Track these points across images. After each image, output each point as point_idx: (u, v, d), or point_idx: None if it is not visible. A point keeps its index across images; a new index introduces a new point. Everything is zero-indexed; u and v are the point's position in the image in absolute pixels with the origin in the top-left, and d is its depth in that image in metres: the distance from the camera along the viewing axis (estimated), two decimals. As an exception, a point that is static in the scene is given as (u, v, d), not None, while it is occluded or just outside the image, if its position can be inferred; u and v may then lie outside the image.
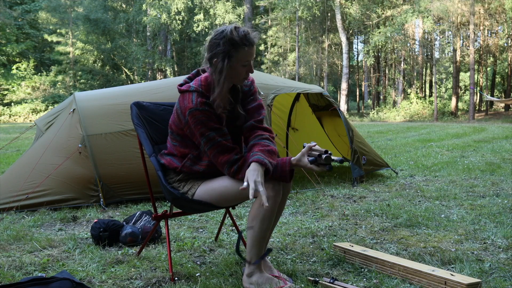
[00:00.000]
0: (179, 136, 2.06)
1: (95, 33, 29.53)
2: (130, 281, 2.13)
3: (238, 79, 1.99)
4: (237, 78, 1.98)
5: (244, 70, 1.96)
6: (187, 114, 1.95)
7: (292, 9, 25.05)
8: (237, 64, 1.93)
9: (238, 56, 1.91)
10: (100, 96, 4.52)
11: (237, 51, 1.90)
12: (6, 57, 28.79)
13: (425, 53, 28.89)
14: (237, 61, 1.92)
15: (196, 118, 1.93)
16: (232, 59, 1.91)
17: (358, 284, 2.05)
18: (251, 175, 1.83)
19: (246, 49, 1.90)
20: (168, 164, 2.09)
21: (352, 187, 4.61)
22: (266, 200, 1.78)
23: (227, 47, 1.89)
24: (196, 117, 1.93)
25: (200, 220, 3.34)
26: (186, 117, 1.96)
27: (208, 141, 1.95)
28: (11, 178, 3.88)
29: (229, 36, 1.89)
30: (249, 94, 2.12)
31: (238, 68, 1.94)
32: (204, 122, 1.94)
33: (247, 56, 1.92)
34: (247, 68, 1.96)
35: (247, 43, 1.90)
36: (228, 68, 1.92)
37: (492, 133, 12.15)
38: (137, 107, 2.31)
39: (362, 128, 15.13)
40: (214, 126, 1.95)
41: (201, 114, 1.93)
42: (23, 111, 25.43)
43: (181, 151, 2.07)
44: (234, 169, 1.94)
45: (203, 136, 1.95)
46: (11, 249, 2.67)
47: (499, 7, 21.38)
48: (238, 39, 1.89)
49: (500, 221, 3.09)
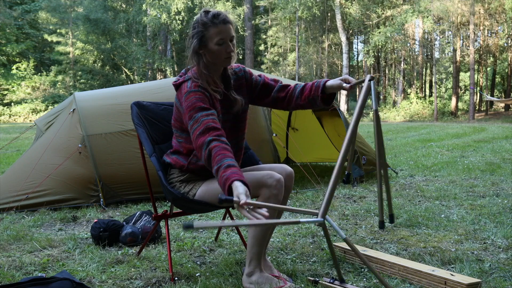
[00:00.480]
0: (183, 133, 2.05)
1: (95, 33, 29.52)
2: (130, 281, 2.13)
3: (219, 60, 1.99)
4: (219, 59, 1.99)
5: (223, 50, 1.96)
6: (184, 98, 1.96)
7: (292, 9, 25.05)
8: (211, 43, 1.96)
9: (209, 34, 1.95)
10: (100, 96, 4.52)
11: (207, 31, 1.96)
12: (6, 57, 28.79)
13: (425, 53, 28.90)
14: (210, 40, 1.96)
15: (189, 101, 1.94)
16: (204, 39, 1.96)
17: (358, 284, 2.05)
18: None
19: (217, 27, 1.94)
20: (175, 163, 2.08)
21: (352, 187, 4.61)
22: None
23: (199, 28, 1.97)
24: (189, 99, 1.94)
25: (200, 220, 3.34)
26: (183, 104, 1.97)
27: (193, 123, 1.89)
28: (11, 178, 3.88)
29: (199, 19, 1.98)
30: (247, 78, 2.16)
31: (214, 48, 1.96)
32: (194, 103, 1.92)
33: (219, 33, 1.94)
34: (224, 47, 1.96)
35: (216, 21, 1.95)
36: (202, 48, 1.98)
37: (492, 133, 12.15)
38: (138, 107, 2.31)
39: (362, 128, 15.13)
40: (203, 106, 1.93)
41: (194, 95, 1.94)
42: (23, 111, 25.44)
43: (186, 147, 2.05)
44: (206, 153, 1.81)
45: (191, 119, 1.90)
46: (11, 249, 2.67)
47: (499, 7, 21.38)
48: (207, 19, 1.96)
49: (500, 221, 3.09)
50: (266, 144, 4.23)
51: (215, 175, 1.77)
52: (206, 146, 1.82)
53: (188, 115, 1.92)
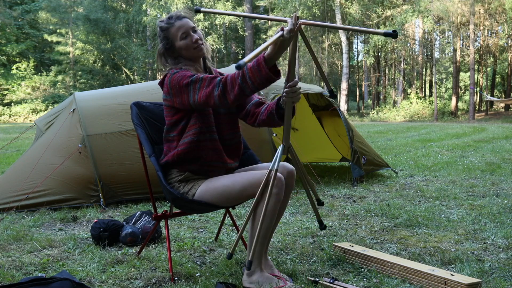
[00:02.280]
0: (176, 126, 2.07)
1: (95, 33, 29.52)
2: (130, 281, 2.13)
3: (191, 52, 2.07)
4: (189, 51, 2.07)
5: (189, 41, 2.05)
6: (169, 82, 2.00)
7: (292, 9, 25.04)
8: (177, 42, 2.06)
9: (172, 34, 2.07)
10: (100, 96, 4.52)
11: (168, 32, 2.07)
12: (6, 57, 28.79)
13: (425, 53, 28.90)
14: (175, 39, 2.06)
15: (176, 79, 1.97)
16: (169, 41, 2.07)
17: (358, 284, 2.05)
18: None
19: (173, 25, 2.06)
20: (168, 158, 2.09)
21: (352, 187, 4.61)
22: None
23: (162, 35, 2.09)
24: (175, 78, 1.98)
25: (200, 220, 3.34)
26: (170, 88, 2.00)
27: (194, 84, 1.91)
28: (11, 178, 3.88)
29: (158, 27, 2.10)
30: None
31: (181, 44, 2.06)
32: (185, 75, 1.96)
33: (178, 29, 2.05)
34: (189, 38, 2.05)
35: (172, 21, 2.07)
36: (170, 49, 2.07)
37: (492, 133, 12.15)
38: (137, 107, 2.31)
39: (362, 128, 15.13)
40: (193, 73, 1.97)
41: (180, 73, 1.99)
42: (23, 111, 25.44)
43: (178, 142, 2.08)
44: (220, 90, 1.82)
45: (189, 84, 1.92)
46: (11, 249, 2.67)
47: (499, 7, 21.38)
48: (163, 24, 2.08)
49: (500, 221, 3.09)
50: (266, 144, 4.23)
51: (242, 83, 1.76)
52: (217, 86, 1.84)
53: (184, 84, 1.94)
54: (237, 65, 1.51)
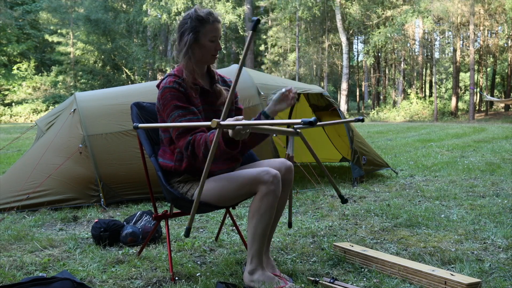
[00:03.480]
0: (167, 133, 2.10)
1: (96, 34, 29.53)
2: (130, 280, 2.14)
3: (207, 56, 2.08)
4: (207, 55, 2.07)
5: (213, 47, 2.06)
6: (160, 93, 2.02)
7: (292, 9, 25.05)
8: (204, 39, 2.04)
9: (205, 30, 2.03)
10: (100, 96, 4.53)
11: (203, 26, 2.04)
12: (7, 57, 28.81)
13: (425, 53, 28.90)
14: (204, 36, 2.04)
15: (164, 98, 1.99)
16: (200, 34, 2.04)
17: (358, 284, 2.05)
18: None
19: (212, 24, 2.04)
20: (165, 167, 2.11)
21: (352, 187, 4.61)
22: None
23: (194, 23, 2.03)
24: (164, 96, 2.00)
25: (200, 220, 3.35)
26: (160, 105, 2.03)
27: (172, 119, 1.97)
28: (12, 178, 3.88)
29: (194, 14, 2.04)
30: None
31: (206, 44, 2.05)
32: (170, 101, 1.98)
33: (213, 30, 2.04)
34: (215, 44, 2.06)
35: (212, 18, 2.04)
36: (195, 42, 2.04)
37: (492, 133, 12.15)
38: (137, 108, 2.32)
39: (362, 128, 15.13)
40: (179, 104, 1.98)
41: (169, 91, 1.99)
42: (24, 111, 25.45)
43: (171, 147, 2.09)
44: (189, 150, 1.93)
45: (169, 116, 1.98)
46: (12, 249, 2.67)
47: (499, 7, 21.38)
48: (204, 14, 2.04)
49: (500, 221, 3.09)
50: (266, 144, 4.23)
51: (206, 154, 1.83)
52: (186, 147, 1.93)
53: (165, 114, 1.99)
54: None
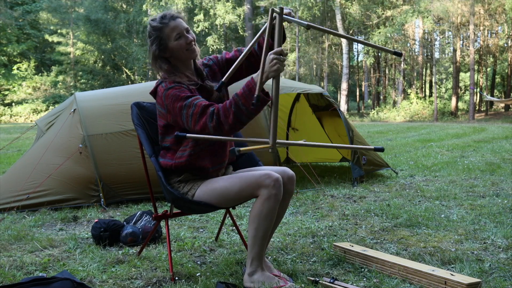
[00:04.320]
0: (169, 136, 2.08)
1: (96, 34, 29.55)
2: (130, 280, 2.14)
3: (183, 54, 2.04)
4: (182, 53, 2.04)
5: (183, 43, 2.02)
6: (163, 97, 1.99)
7: (292, 9, 25.06)
8: (170, 42, 2.02)
9: (165, 34, 2.02)
10: (100, 96, 4.53)
11: (162, 32, 2.02)
12: (7, 57, 28.83)
13: (425, 53, 28.90)
14: (168, 40, 2.02)
15: (171, 96, 1.97)
16: (163, 41, 2.02)
17: (358, 284, 2.05)
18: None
19: (167, 25, 2.01)
20: (164, 166, 2.10)
21: (352, 187, 4.61)
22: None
23: (154, 35, 2.03)
24: (170, 95, 1.97)
25: (200, 220, 3.35)
26: (165, 104, 1.99)
27: (188, 109, 1.91)
28: (12, 178, 3.88)
29: (149, 27, 2.05)
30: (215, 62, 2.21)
31: (174, 45, 2.02)
32: (178, 95, 1.95)
33: (173, 30, 2.01)
34: (183, 39, 2.02)
35: (166, 20, 2.02)
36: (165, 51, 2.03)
37: (492, 133, 12.15)
38: (138, 108, 2.32)
39: (362, 128, 15.13)
40: (188, 94, 1.96)
41: (173, 90, 1.97)
42: (24, 111, 25.47)
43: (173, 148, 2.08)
44: (215, 120, 1.85)
45: (182, 108, 1.92)
46: (12, 249, 2.68)
47: (499, 8, 21.39)
48: (157, 23, 2.03)
49: (500, 221, 3.09)
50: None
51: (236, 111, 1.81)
52: (211, 117, 1.86)
53: (177, 107, 1.94)
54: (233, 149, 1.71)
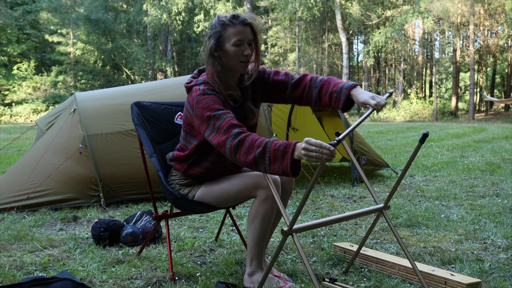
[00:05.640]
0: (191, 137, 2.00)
1: (96, 34, 29.57)
2: (130, 280, 2.14)
3: (235, 63, 1.89)
4: (234, 62, 1.89)
5: (240, 52, 1.87)
6: (195, 102, 1.87)
7: (292, 9, 25.06)
8: (227, 44, 1.87)
9: (227, 34, 1.87)
10: (100, 96, 4.53)
11: (225, 30, 1.87)
12: (7, 57, 28.84)
13: (425, 53, 28.90)
14: (227, 41, 1.87)
15: (203, 103, 1.84)
16: (221, 39, 1.87)
17: (358, 284, 2.05)
18: None
19: (235, 27, 1.86)
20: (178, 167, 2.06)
21: (352, 187, 4.61)
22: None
23: (216, 29, 1.88)
24: (203, 101, 1.85)
25: (200, 220, 3.35)
26: (194, 107, 1.87)
27: (215, 120, 1.78)
28: (12, 178, 3.88)
29: (217, 20, 1.90)
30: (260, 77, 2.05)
31: (230, 50, 1.87)
32: (211, 105, 1.83)
33: (237, 34, 1.86)
34: (242, 49, 1.87)
35: (236, 21, 1.87)
36: (219, 50, 1.89)
37: (492, 133, 12.15)
38: (138, 107, 2.31)
39: (362, 128, 15.13)
40: (219, 107, 1.84)
41: (208, 97, 1.85)
42: (24, 111, 25.48)
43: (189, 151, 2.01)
44: (234, 145, 1.69)
45: (211, 118, 1.79)
46: (12, 249, 2.68)
47: (499, 8, 21.39)
48: (226, 19, 1.88)
49: (500, 221, 3.09)
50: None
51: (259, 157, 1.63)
52: (234, 137, 1.71)
53: (205, 116, 1.81)
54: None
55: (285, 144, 1.61)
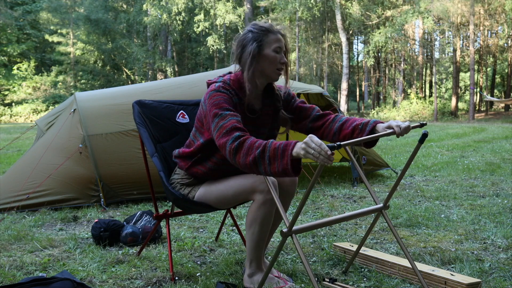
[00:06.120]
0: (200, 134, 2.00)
1: (96, 34, 29.58)
2: (130, 280, 2.14)
3: (271, 69, 1.91)
4: (270, 67, 1.90)
5: (277, 58, 1.89)
6: (208, 97, 1.88)
7: (292, 9, 25.06)
8: (268, 49, 1.89)
9: (268, 39, 1.89)
10: (100, 96, 4.53)
11: (267, 36, 1.89)
12: (7, 57, 28.84)
13: (425, 53, 28.91)
14: (268, 46, 1.89)
15: (214, 99, 1.86)
16: (263, 43, 1.88)
17: (358, 284, 2.05)
18: None
19: (275, 34, 1.90)
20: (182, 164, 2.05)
21: (352, 187, 4.61)
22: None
23: (256, 34, 1.90)
24: (214, 97, 1.86)
25: (200, 220, 3.35)
26: (206, 102, 1.89)
27: (220, 120, 1.79)
28: (12, 178, 3.88)
29: (256, 26, 1.92)
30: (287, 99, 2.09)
31: (270, 55, 1.89)
32: (221, 103, 1.84)
33: (277, 41, 1.89)
34: (280, 56, 1.90)
35: (275, 29, 1.91)
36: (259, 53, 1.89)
37: (492, 133, 12.15)
38: (139, 106, 2.29)
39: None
40: (228, 107, 1.85)
41: (219, 95, 1.86)
42: (24, 111, 25.49)
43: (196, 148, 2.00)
44: (234, 147, 1.70)
45: (216, 116, 1.80)
46: (12, 249, 2.68)
47: (499, 8, 21.39)
48: (267, 25, 1.91)
49: (500, 221, 3.09)
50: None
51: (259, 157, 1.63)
52: (234, 139, 1.71)
53: (213, 112, 1.83)
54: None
55: (285, 143, 1.62)
